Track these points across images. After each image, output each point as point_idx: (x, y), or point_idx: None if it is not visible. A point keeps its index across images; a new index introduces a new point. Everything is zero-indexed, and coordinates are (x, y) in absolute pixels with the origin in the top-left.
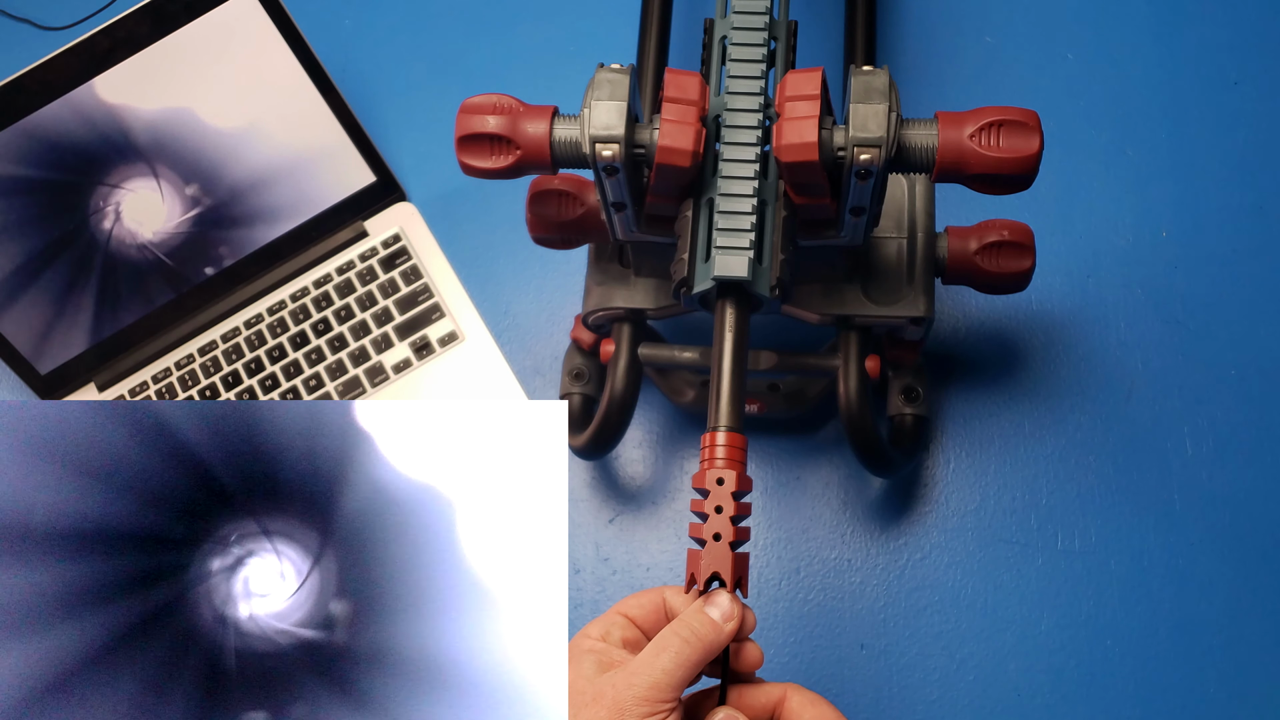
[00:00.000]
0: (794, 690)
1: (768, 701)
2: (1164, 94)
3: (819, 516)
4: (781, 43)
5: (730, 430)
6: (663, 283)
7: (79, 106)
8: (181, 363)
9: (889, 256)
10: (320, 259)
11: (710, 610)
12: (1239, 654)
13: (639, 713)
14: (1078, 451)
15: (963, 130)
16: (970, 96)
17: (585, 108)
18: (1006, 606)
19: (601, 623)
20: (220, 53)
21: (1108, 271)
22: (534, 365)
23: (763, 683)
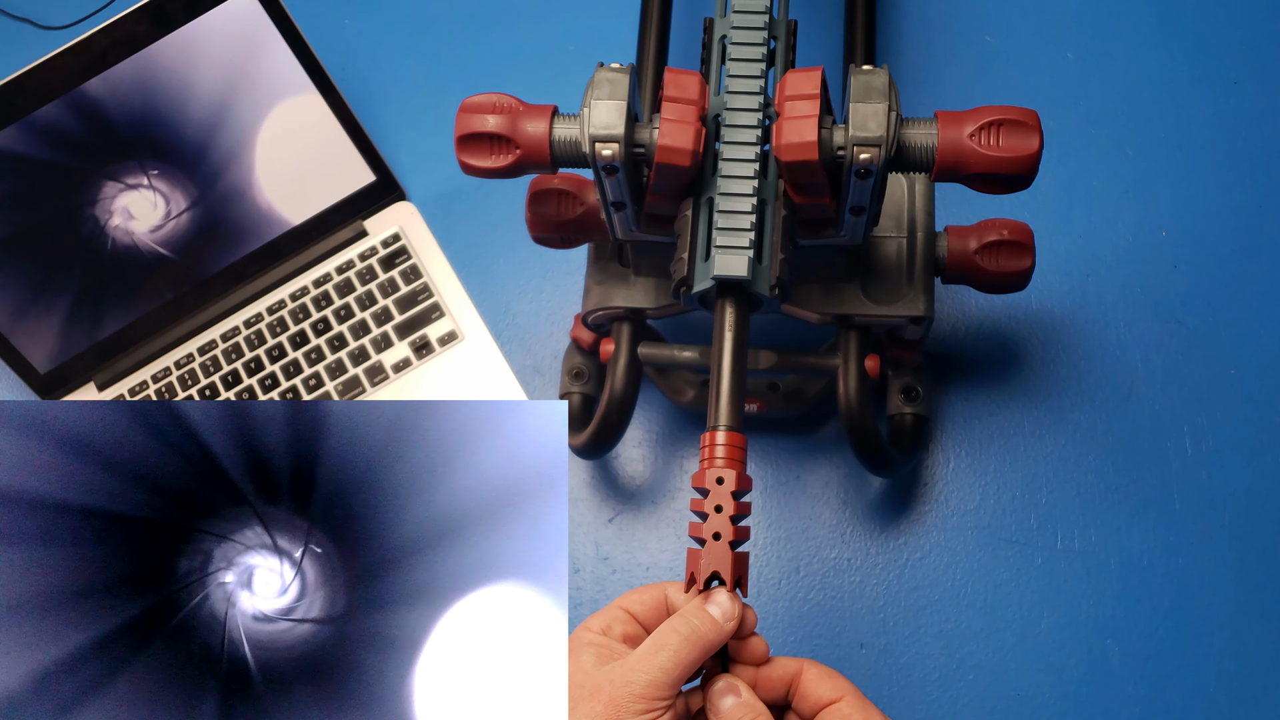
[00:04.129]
0: (810, 665)
1: (784, 674)
2: (1164, 94)
3: (819, 516)
4: (781, 42)
5: (730, 429)
6: (662, 282)
7: (78, 106)
8: (181, 362)
9: (889, 256)
10: (320, 258)
11: (711, 608)
12: (1239, 654)
13: (635, 709)
14: (1078, 451)
15: (962, 130)
16: (970, 96)
17: (585, 107)
18: (1006, 606)
19: (602, 616)
20: (220, 53)
21: (1108, 271)
22: (534, 365)
23: (778, 658)
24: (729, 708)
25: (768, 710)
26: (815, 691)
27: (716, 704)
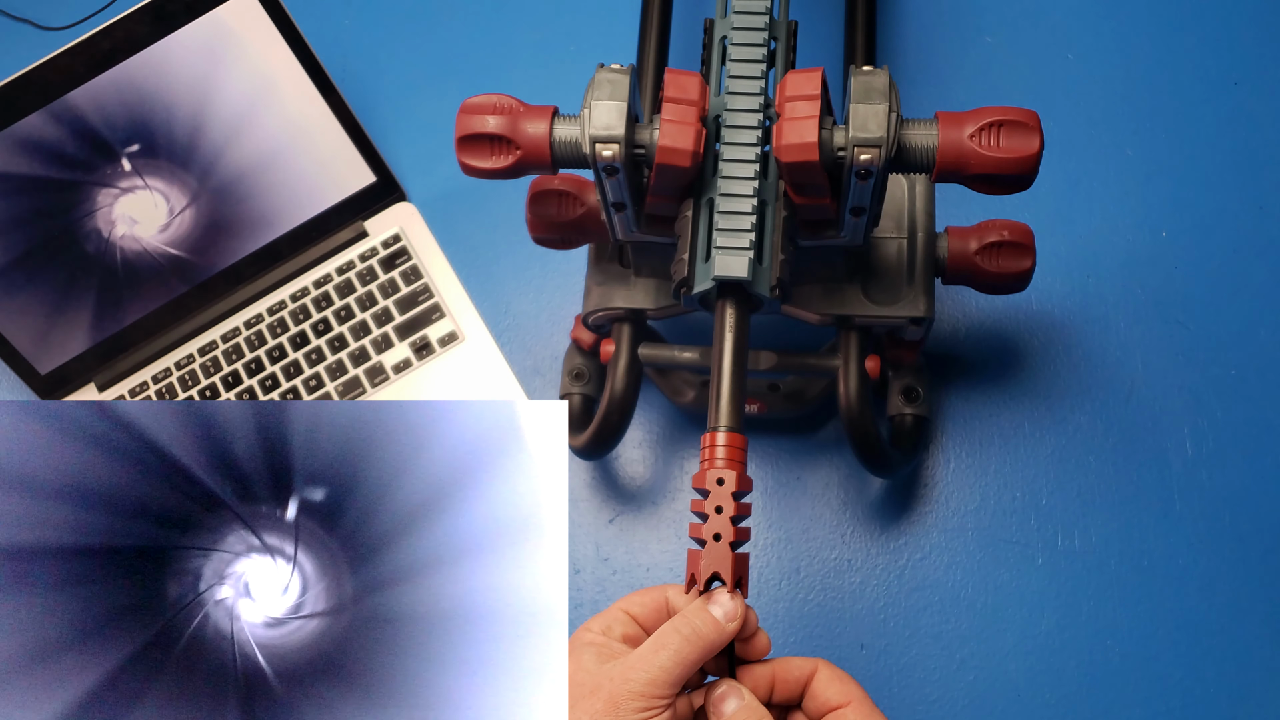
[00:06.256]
0: (823, 665)
1: (800, 674)
2: (1164, 94)
3: (819, 516)
4: (781, 43)
5: (730, 430)
6: (663, 283)
7: (79, 106)
8: (182, 363)
9: (889, 256)
10: (320, 259)
11: (713, 609)
12: (1239, 654)
13: (634, 707)
14: (1078, 451)
15: (963, 130)
16: (970, 96)
17: (585, 108)
18: (1006, 606)
19: (603, 618)
20: (220, 53)
21: (1108, 271)
22: (534, 365)
23: (793, 658)
24: (732, 712)
25: (769, 714)
26: (824, 694)
27: (719, 708)
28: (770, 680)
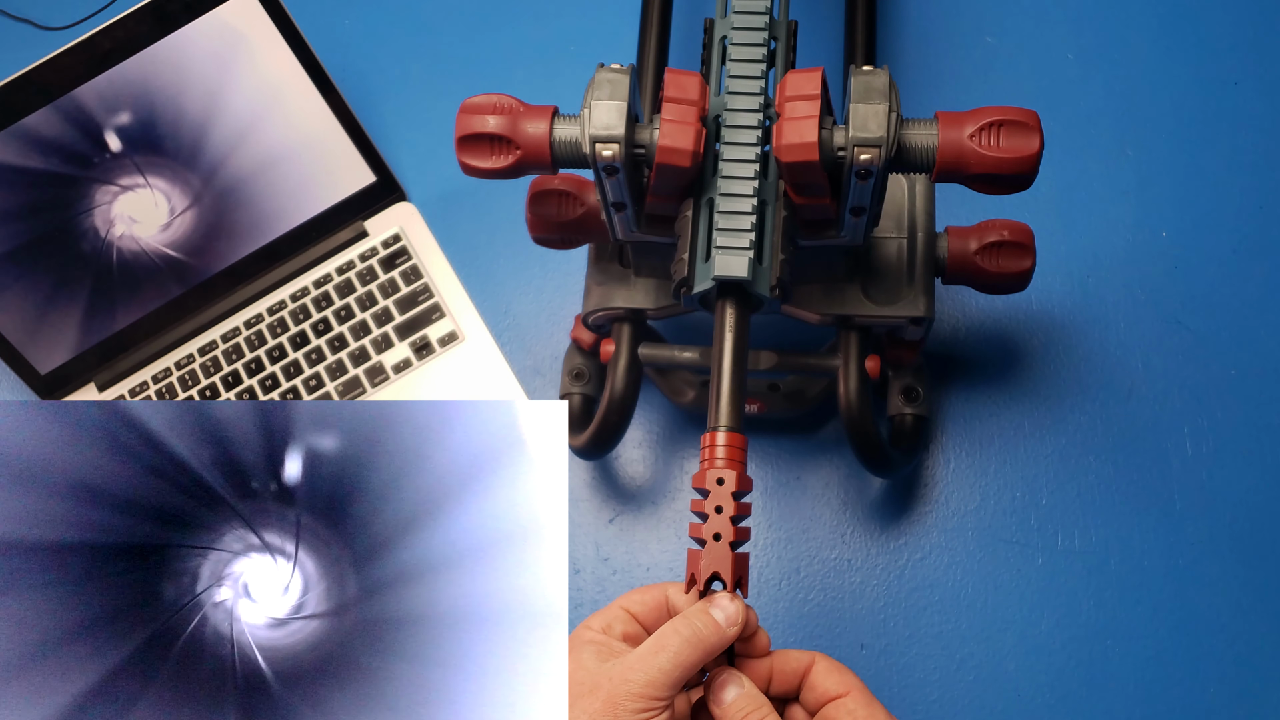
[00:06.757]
0: (821, 658)
1: (797, 667)
2: (1164, 94)
3: (819, 516)
4: (781, 43)
5: (730, 430)
6: (663, 283)
7: (79, 106)
8: (182, 363)
9: (889, 256)
10: (320, 259)
11: (715, 612)
12: (1239, 654)
13: (632, 708)
14: (1078, 451)
15: (963, 130)
16: (970, 96)
17: (585, 108)
18: (1006, 606)
19: (603, 615)
20: (220, 53)
21: (1108, 271)
22: (534, 365)
23: (791, 650)
24: (731, 699)
25: (769, 702)
26: (823, 684)
27: (719, 696)
28: (768, 672)
